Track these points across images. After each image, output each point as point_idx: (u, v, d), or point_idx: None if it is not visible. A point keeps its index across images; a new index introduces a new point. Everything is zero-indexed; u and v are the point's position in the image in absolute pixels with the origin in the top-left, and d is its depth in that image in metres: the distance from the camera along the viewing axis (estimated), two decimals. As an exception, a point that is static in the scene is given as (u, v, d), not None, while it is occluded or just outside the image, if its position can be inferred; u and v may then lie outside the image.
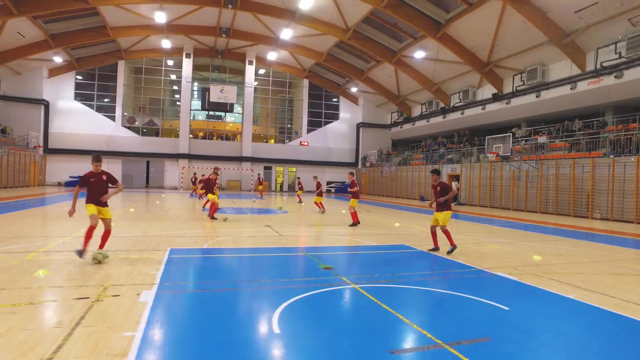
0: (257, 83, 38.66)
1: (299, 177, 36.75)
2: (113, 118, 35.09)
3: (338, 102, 41.87)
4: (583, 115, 21.60)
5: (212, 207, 13.25)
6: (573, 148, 20.12)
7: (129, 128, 35.86)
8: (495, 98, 26.05)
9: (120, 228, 10.11)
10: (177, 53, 35.22)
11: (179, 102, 36.96)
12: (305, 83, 40.19)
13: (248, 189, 36.91)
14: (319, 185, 18.42)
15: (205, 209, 16.42)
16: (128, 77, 36.18)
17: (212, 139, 39.03)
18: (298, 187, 24.31)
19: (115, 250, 7.30)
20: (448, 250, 8.04)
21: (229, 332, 3.82)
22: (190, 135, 36.97)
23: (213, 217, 13.04)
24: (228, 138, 40.52)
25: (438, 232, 8.38)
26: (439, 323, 4.22)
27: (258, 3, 26.94)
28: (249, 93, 37.51)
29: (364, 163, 40.58)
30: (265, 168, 39.29)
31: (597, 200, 17.59)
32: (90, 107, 34.71)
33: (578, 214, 18.25)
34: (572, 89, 20.91)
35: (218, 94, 33.45)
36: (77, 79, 34.46)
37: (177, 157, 35.85)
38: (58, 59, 31.11)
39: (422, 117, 34.78)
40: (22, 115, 31.30)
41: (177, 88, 37.75)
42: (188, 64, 35.34)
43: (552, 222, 16.02)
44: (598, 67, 19.48)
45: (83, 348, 3.30)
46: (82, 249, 6.42)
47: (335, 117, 41.97)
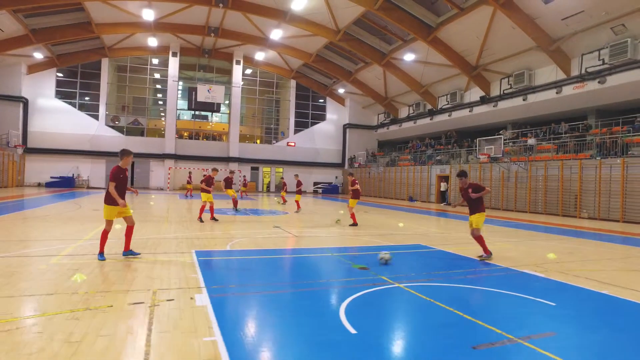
0: (243, 83, 38.34)
1: (283, 177, 36.85)
2: (96, 117, 34.05)
3: (325, 103, 42.03)
4: (568, 119, 22.48)
5: (202, 208, 12.82)
6: (560, 150, 20.91)
7: (113, 127, 34.88)
8: (483, 101, 26.74)
9: (138, 231, 9.89)
10: (163, 52, 34.54)
11: (161, 101, 36.29)
12: (293, 84, 40.14)
13: (236, 190, 36.50)
14: (299, 184, 18.79)
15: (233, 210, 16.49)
16: (112, 75, 35.21)
17: (197, 139, 38.46)
18: (283, 188, 24.31)
19: (142, 253, 7.17)
20: (480, 255, 7.64)
21: (313, 333, 3.83)
22: (175, 135, 36.31)
23: (205, 219, 12.78)
24: (214, 138, 40.02)
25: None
26: (500, 319, 4.34)
27: (250, 3, 26.77)
28: (237, 93, 37.17)
29: (352, 164, 40.86)
30: (253, 169, 39.04)
31: (584, 200, 18.34)
32: (73, 105, 33.60)
33: (566, 214, 18.98)
34: (557, 93, 21.71)
35: (205, 94, 33.01)
36: (58, 77, 33.27)
37: (163, 157, 35.13)
38: (38, 55, 30.00)
39: (409, 118, 35.31)
40: (-1, 113, 30.06)
41: (162, 87, 36.96)
42: (174, 63, 34.71)
43: (543, 221, 16.61)
44: (583, 72, 20.31)
45: (172, 355, 3.25)
46: (100, 252, 6.61)
47: (322, 118, 42.11)
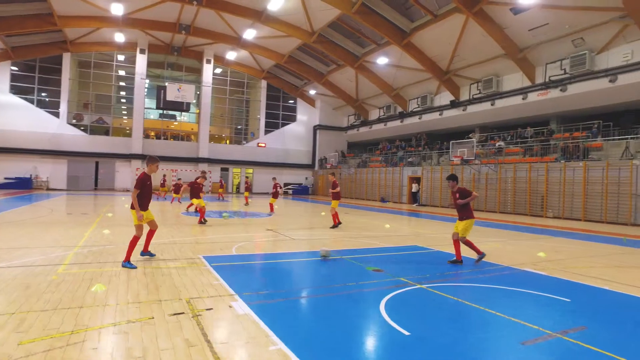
0: (213, 82, 37.55)
1: (247, 177, 36.58)
2: (57, 114, 32.05)
3: (295, 104, 42.02)
4: (533, 123, 23.89)
5: (197, 211, 12.78)
6: (527, 153, 22.18)
7: (76, 126, 33.00)
8: (453, 105, 27.82)
9: (128, 235, 9.52)
10: (130, 48, 33.13)
11: (125, 99, 34.82)
12: (264, 84, 39.82)
13: (207, 191, 35.71)
14: (275, 187, 18.67)
15: (188, 212, 16.06)
16: (74, 71, 33.26)
17: (165, 139, 37.24)
18: (245, 187, 24.30)
19: (150, 259, 6.96)
20: (477, 260, 7.56)
21: (369, 336, 3.93)
22: (142, 135, 34.95)
23: (202, 221, 12.64)
24: (181, 138, 38.92)
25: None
26: (531, 316, 4.61)
27: (225, 1, 26.34)
28: (207, 92, 36.35)
29: (322, 165, 41.12)
30: (222, 169, 38.33)
31: (550, 201, 19.59)
32: (30, 101, 31.44)
33: (534, 213, 20.18)
34: (523, 99, 23.01)
35: (175, 93, 32.02)
36: (12, 70, 31.04)
37: (129, 157, 33.68)
38: (-10, 47, 27.94)
39: (379, 120, 36.03)
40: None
41: (128, 85, 35.36)
42: (142, 60, 33.40)
43: (513, 220, 17.58)
44: (546, 80, 21.66)
45: (247, 363, 3.25)
46: (127, 260, 6.38)
47: (293, 119, 42.08)
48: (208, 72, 36.15)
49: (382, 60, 28.66)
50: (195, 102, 37.39)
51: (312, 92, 39.62)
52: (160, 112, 36.37)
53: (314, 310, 4.76)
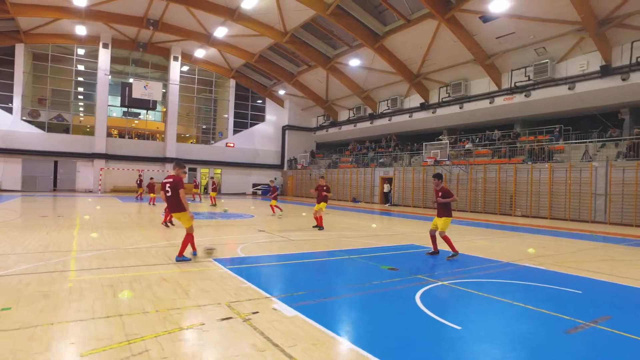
0: (180, 80, 36.43)
1: (213, 177, 35.85)
2: (10, 110, 29.74)
3: (264, 104, 41.66)
4: (500, 126, 25.19)
5: (167, 213, 12.24)
6: (495, 155, 23.35)
7: (32, 122, 30.79)
8: (423, 107, 28.73)
9: (119, 238, 9.10)
10: (91, 42, 31.37)
11: (83, 95, 32.97)
12: (232, 83, 39.15)
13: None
14: (274, 190, 18.65)
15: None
16: (28, 64, 31.03)
17: (130, 138, 35.64)
18: (212, 187, 23.95)
19: (160, 263, 6.72)
20: (449, 256, 8.04)
21: (427, 332, 4.05)
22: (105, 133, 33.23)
23: (166, 223, 12.11)
24: (146, 137, 37.44)
25: (438, 237, 8.43)
26: (557, 308, 4.92)
27: (197, -3, 25.64)
28: (174, 91, 35.18)
29: (292, 165, 41.03)
30: (190, 169, 37.23)
31: (518, 200, 20.76)
32: (-23, 96, 29.09)
33: (503, 212, 21.31)
34: (490, 103, 24.21)
35: (142, 90, 30.72)
36: (-43, 62, 28.58)
37: (92, 157, 31.91)
38: None
39: (349, 121, 36.48)
40: None
41: (89, 80, 33.46)
42: (106, 55, 31.73)
43: (484, 219, 18.51)
44: (512, 86, 22.93)
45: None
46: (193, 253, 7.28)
47: (262, 119, 41.70)
48: (175, 69, 35.01)
49: (354, 62, 29.07)
50: (162, 100, 36.10)
51: (281, 92, 39.44)
52: (125, 110, 34.74)
53: (360, 309, 4.82)
